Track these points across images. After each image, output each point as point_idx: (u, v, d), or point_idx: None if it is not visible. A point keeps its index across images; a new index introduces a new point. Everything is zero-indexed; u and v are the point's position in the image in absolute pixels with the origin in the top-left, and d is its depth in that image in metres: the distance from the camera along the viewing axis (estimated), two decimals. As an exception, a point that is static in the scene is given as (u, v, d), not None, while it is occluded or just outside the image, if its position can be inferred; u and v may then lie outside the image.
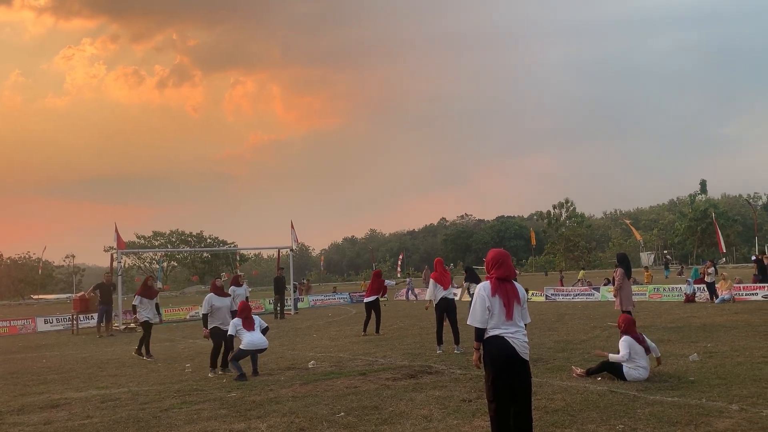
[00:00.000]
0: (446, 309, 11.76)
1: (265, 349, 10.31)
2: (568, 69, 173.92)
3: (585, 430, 5.84)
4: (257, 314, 23.96)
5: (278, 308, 24.00)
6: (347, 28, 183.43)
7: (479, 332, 4.98)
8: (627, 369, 7.99)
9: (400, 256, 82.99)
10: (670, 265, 42.04)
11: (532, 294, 26.76)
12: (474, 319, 4.97)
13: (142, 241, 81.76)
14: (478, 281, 15.75)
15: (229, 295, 11.20)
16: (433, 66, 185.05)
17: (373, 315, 15.36)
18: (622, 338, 8.22)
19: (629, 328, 8.32)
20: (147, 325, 13.68)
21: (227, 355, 10.36)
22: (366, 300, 15.74)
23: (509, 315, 4.90)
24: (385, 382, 8.77)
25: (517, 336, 4.89)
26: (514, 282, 5.11)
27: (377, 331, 15.35)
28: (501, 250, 5.23)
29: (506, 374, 4.82)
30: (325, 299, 32.52)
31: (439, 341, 11.73)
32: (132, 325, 21.77)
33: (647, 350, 8.15)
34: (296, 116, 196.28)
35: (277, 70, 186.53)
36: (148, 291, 14.03)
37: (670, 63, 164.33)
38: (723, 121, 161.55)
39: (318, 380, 9.19)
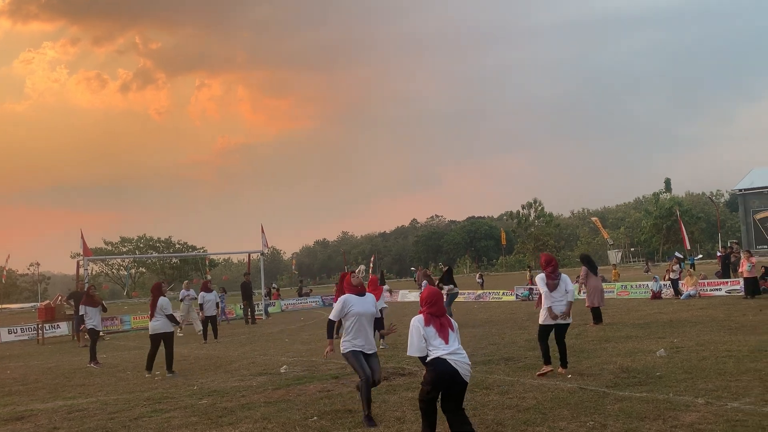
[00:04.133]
0: None
1: None
2: (535, 70, 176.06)
3: (556, 428, 5.91)
4: (231, 319, 23.79)
5: (248, 314, 23.79)
6: (314, 31, 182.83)
7: (422, 359, 5.54)
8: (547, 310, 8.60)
9: (372, 259, 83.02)
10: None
11: (503, 293, 27.00)
12: (412, 349, 5.53)
13: (110, 248, 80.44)
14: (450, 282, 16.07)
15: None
16: (402, 68, 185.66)
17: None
18: (537, 276, 8.92)
19: (545, 265, 8.85)
20: (93, 332, 13.73)
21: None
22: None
23: (446, 339, 5.45)
24: (359, 385, 8.75)
25: (458, 357, 5.39)
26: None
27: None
28: (434, 290, 5.81)
29: (445, 390, 5.39)
30: (297, 303, 32.34)
31: None
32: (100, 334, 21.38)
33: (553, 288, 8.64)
34: (264, 119, 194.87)
35: (243, 73, 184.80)
36: (90, 300, 13.93)
37: (634, 64, 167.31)
38: (686, 120, 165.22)
39: (290, 385, 9.14)
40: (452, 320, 5.67)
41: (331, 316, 6.90)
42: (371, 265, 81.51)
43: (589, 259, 15.36)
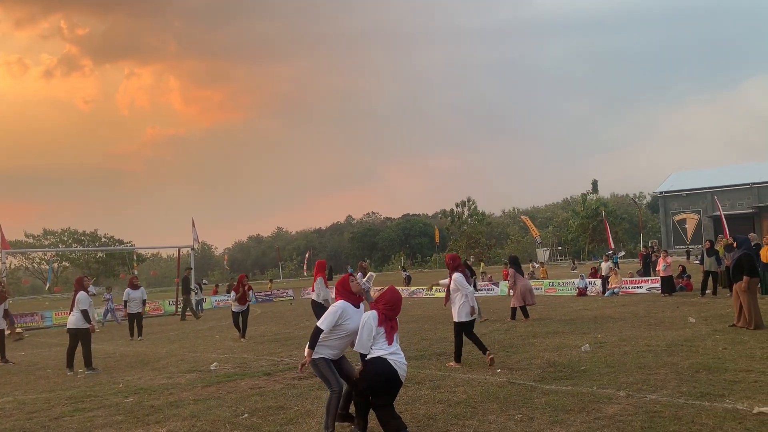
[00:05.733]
0: None
1: None
2: (470, 70, 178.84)
3: (486, 421, 6.03)
4: (157, 316, 23.05)
5: (187, 309, 23.40)
6: (249, 22, 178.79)
7: (362, 355, 5.61)
8: (458, 309, 8.96)
9: (307, 255, 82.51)
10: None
11: (436, 290, 27.32)
12: (360, 345, 5.54)
13: (31, 240, 76.78)
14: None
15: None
16: (339, 64, 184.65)
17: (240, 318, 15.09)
18: (454, 276, 9.02)
19: (457, 265, 9.16)
20: None
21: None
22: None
23: (390, 341, 5.54)
24: (291, 381, 8.70)
25: (398, 357, 5.50)
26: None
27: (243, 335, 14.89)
28: (398, 294, 5.80)
29: (383, 389, 5.45)
30: (228, 300, 31.72)
31: None
32: (18, 329, 20.44)
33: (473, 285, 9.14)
34: (196, 111, 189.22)
35: (174, 62, 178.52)
36: None
37: (564, 67, 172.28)
38: (612, 124, 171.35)
39: (221, 382, 8.98)
40: (397, 321, 5.72)
41: (323, 326, 5.70)
42: (305, 261, 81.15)
43: (517, 261, 15.86)
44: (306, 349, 5.73)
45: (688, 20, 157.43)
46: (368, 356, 5.52)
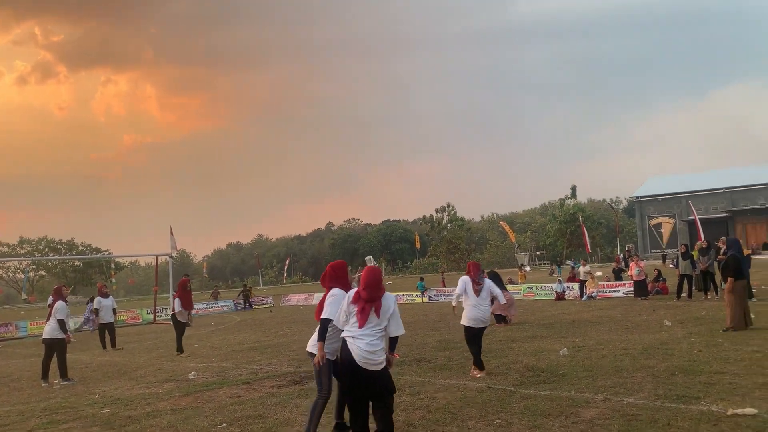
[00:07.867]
0: None
1: None
2: (451, 77, 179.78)
3: (465, 427, 6.05)
4: (134, 325, 22.84)
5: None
6: (227, 30, 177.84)
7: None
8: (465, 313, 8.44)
9: (287, 261, 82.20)
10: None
11: (416, 295, 27.37)
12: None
13: (6, 249, 75.47)
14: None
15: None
16: (319, 70, 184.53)
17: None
18: (461, 278, 8.71)
19: (469, 270, 8.73)
20: None
21: None
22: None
23: (361, 323, 5.12)
24: (270, 389, 8.65)
25: (360, 342, 5.04)
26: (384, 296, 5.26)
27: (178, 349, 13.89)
28: (374, 274, 5.28)
29: (348, 377, 5.09)
30: (208, 308, 31.52)
31: None
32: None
33: (477, 293, 8.47)
34: (174, 118, 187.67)
35: (151, 69, 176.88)
36: None
37: (543, 73, 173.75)
38: (589, 129, 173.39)
39: (199, 391, 8.90)
40: (386, 301, 5.23)
41: (327, 314, 5.49)
42: (285, 268, 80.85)
43: (498, 276, 15.79)
44: (317, 343, 5.50)
45: (663, 29, 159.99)
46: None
